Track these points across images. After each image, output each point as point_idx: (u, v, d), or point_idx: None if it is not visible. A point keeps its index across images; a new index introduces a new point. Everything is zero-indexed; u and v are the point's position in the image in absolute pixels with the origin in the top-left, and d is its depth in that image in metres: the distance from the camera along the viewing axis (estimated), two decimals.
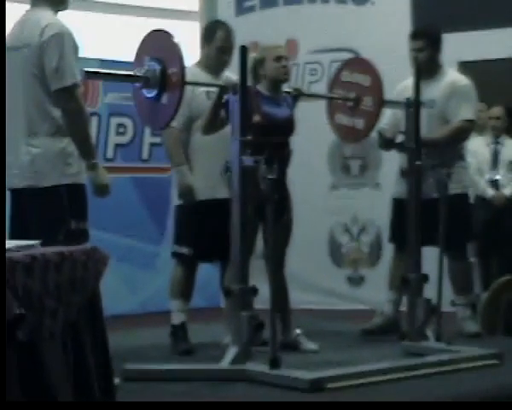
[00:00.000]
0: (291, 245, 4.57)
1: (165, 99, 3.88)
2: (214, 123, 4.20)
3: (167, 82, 3.84)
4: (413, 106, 4.52)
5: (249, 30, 6.28)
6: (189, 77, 4.39)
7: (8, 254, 1.88)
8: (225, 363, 3.78)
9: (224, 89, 4.06)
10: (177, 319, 4.54)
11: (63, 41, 3.53)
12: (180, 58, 3.84)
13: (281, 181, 4.08)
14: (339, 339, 4.81)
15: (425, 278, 4.44)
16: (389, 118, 4.95)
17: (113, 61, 6.27)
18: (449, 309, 4.88)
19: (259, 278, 3.92)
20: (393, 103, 4.80)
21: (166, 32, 4.01)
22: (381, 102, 4.61)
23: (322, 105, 5.04)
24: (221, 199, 4.30)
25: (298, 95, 4.50)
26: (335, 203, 6.55)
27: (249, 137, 3.91)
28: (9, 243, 2.06)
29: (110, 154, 6.39)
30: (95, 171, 3.62)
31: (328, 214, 6.55)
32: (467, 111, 4.86)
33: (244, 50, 3.96)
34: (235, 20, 6.52)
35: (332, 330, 5.17)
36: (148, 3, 6.92)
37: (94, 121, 6.21)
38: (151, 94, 3.91)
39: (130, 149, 6.48)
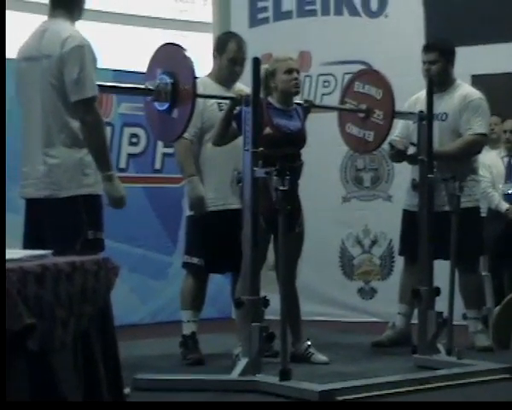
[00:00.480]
0: (302, 257, 4.57)
1: (176, 112, 3.90)
2: (225, 135, 4.22)
3: (179, 95, 3.86)
4: (426, 119, 4.52)
5: (262, 42, 6.29)
6: (200, 88, 4.42)
7: (19, 264, 1.89)
8: (235, 374, 3.78)
9: (235, 101, 4.07)
10: (187, 329, 4.54)
11: (84, 53, 3.55)
12: (192, 72, 3.86)
13: (293, 193, 4.08)
14: (349, 351, 4.81)
15: (437, 291, 4.43)
16: (401, 129, 4.96)
17: (127, 72, 6.31)
18: (460, 323, 4.87)
19: (271, 289, 3.93)
20: (406, 115, 4.81)
21: (178, 45, 4.05)
22: (392, 117, 4.63)
23: (334, 117, 5.05)
24: (232, 210, 4.31)
25: (309, 106, 4.51)
26: (347, 215, 6.54)
27: (261, 149, 3.93)
28: (21, 253, 2.07)
29: (123, 164, 6.41)
30: (111, 182, 3.63)
31: (339, 226, 6.54)
32: (479, 125, 4.85)
33: (257, 62, 3.98)
34: (248, 31, 6.54)
35: (343, 342, 5.16)
36: (162, 15, 6.96)
37: (107, 131, 6.22)
38: (162, 107, 3.93)
39: (143, 159, 6.50)
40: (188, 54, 3.94)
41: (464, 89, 4.97)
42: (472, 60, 6.01)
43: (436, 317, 4.36)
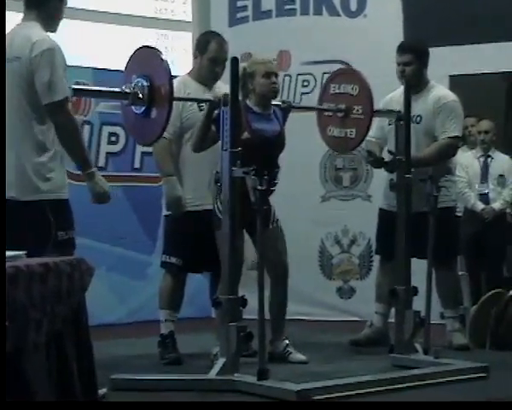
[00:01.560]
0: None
1: (153, 115, 3.90)
2: (205, 139, 4.21)
3: (155, 98, 3.86)
4: (403, 119, 4.54)
5: (242, 41, 6.30)
6: (180, 86, 4.42)
7: None
8: (213, 374, 3.78)
9: (213, 104, 4.07)
10: (165, 328, 4.54)
11: (54, 56, 3.55)
12: (168, 74, 3.86)
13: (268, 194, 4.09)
14: (328, 351, 4.82)
15: (414, 290, 4.45)
16: (376, 131, 4.97)
17: (107, 70, 6.29)
18: (437, 322, 4.90)
19: (251, 289, 3.92)
20: (385, 113, 4.82)
21: (153, 48, 4.05)
22: (372, 109, 4.63)
23: (313, 117, 5.06)
24: (210, 210, 4.31)
25: (287, 108, 4.51)
26: (326, 215, 6.56)
27: (240, 149, 3.93)
28: None
29: (102, 162, 6.39)
30: (93, 180, 3.64)
31: (319, 225, 6.56)
32: (454, 128, 4.87)
33: (235, 62, 3.97)
34: (228, 30, 6.54)
35: (321, 341, 5.17)
36: (142, 13, 6.94)
37: (86, 130, 6.21)
38: (139, 110, 3.93)
39: (122, 158, 6.48)
40: (163, 56, 3.93)
41: (438, 91, 4.98)
42: (449, 60, 6.04)
43: (413, 316, 4.38)
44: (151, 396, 3.62)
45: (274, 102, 4.46)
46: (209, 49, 4.56)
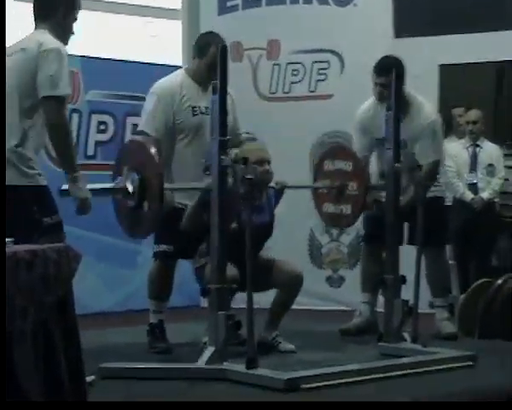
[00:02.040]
0: (271, 245, 4.58)
1: (145, 208, 3.89)
2: (195, 223, 4.18)
3: (146, 191, 3.86)
4: (392, 108, 4.52)
5: (231, 29, 6.28)
6: (176, 88, 4.41)
7: None
8: (202, 362, 3.78)
9: (206, 192, 4.01)
10: (154, 317, 4.54)
11: (62, 56, 3.61)
12: (157, 168, 3.85)
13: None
14: (317, 340, 4.83)
15: (402, 279, 4.46)
16: (360, 147, 4.94)
17: (94, 58, 6.27)
18: (426, 311, 4.91)
19: None
20: (380, 186, 4.74)
21: (141, 142, 4.11)
22: (366, 185, 4.63)
23: (301, 106, 5.06)
24: None
25: (281, 188, 4.51)
26: None
27: (229, 137, 3.92)
28: None
29: (91, 151, 6.38)
30: (77, 184, 3.66)
31: (308, 215, 6.55)
32: (435, 152, 4.87)
33: (224, 51, 3.96)
34: (217, 19, 6.54)
35: (310, 330, 5.18)
36: (129, 1, 6.91)
37: (75, 118, 6.20)
38: (131, 204, 3.93)
39: (111, 146, 6.45)
40: (152, 151, 3.87)
41: (418, 111, 4.88)
42: (439, 49, 6.05)
43: (402, 305, 4.39)
44: (140, 385, 3.62)
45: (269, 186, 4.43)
46: (208, 53, 4.46)
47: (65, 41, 3.79)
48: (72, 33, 3.82)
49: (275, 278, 4.42)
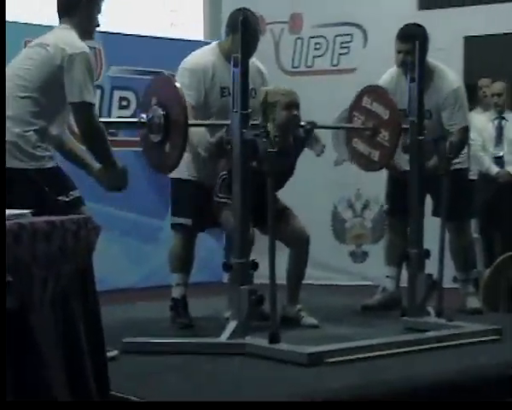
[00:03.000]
0: None
1: (168, 145, 3.92)
2: (214, 157, 4.20)
3: (171, 127, 3.88)
4: (415, 79, 4.46)
5: (253, 3, 6.21)
6: (207, 65, 4.39)
7: None
8: (224, 337, 3.77)
9: (225, 140, 3.99)
10: (177, 292, 4.53)
11: (89, 61, 3.59)
12: (182, 103, 3.85)
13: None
14: (340, 314, 4.79)
15: (426, 253, 4.42)
16: (384, 84, 4.86)
17: (117, 34, 6.26)
18: (450, 286, 4.88)
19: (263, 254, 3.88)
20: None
21: (168, 77, 4.13)
22: (398, 139, 4.53)
23: (325, 81, 5.01)
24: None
25: (311, 128, 4.42)
26: (339, 179, 6.53)
27: (250, 110, 3.89)
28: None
29: (113, 127, 6.37)
30: (115, 169, 3.73)
31: (331, 190, 6.54)
32: (462, 118, 4.81)
33: (245, 22, 3.92)
34: None
35: (334, 305, 5.15)
36: None
37: (97, 94, 6.19)
38: (156, 139, 3.96)
39: None
40: (177, 84, 3.91)
41: (442, 79, 4.82)
42: (464, 21, 5.97)
43: (426, 279, 4.35)
44: (161, 359, 3.62)
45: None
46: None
47: (90, 35, 3.76)
48: (98, 25, 3.77)
49: (283, 230, 4.31)
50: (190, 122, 3.96)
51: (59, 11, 3.74)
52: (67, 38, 3.62)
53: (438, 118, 4.80)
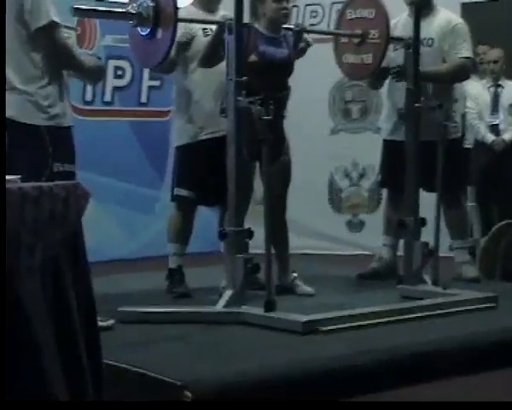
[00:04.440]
0: (291, 190, 4.53)
1: (158, 36, 3.85)
2: (211, 58, 4.15)
3: (160, 18, 3.82)
4: (412, 46, 4.43)
5: None
6: (184, 16, 4.33)
7: None
8: (220, 306, 3.77)
9: (221, 26, 3.99)
10: (173, 262, 4.52)
11: None
12: None
13: (276, 122, 4.04)
14: (336, 283, 4.79)
15: (422, 221, 4.40)
16: None
17: (111, 2, 6.18)
18: (446, 254, 4.86)
19: (259, 223, 3.87)
20: (396, 40, 4.67)
21: None
22: (388, 32, 4.52)
23: (322, 48, 4.97)
24: (221, 138, 4.20)
25: (300, 31, 4.38)
26: (336, 148, 6.50)
27: (245, 78, 3.86)
28: None
29: (108, 97, 6.34)
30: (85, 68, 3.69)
31: (328, 159, 6.51)
32: (465, 49, 4.77)
33: None
34: None
35: (330, 274, 5.15)
36: None
37: None
38: (145, 32, 3.90)
39: (129, 92, 6.42)
40: None
41: (445, 14, 4.87)
42: None
43: (422, 247, 4.34)
44: (156, 329, 3.61)
45: (286, 26, 4.35)
46: None
47: None
48: None
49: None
50: (180, 17, 3.92)
51: None
52: None
53: (440, 46, 4.73)
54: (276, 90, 4.12)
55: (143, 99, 6.49)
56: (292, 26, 4.39)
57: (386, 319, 3.69)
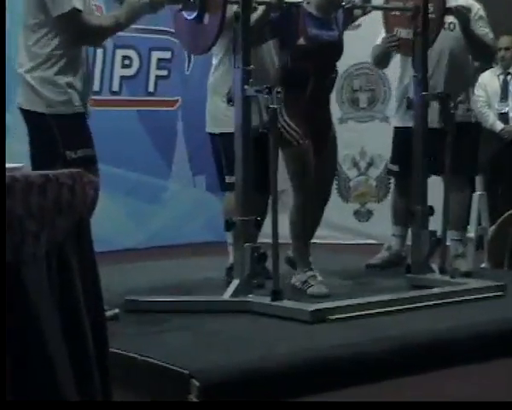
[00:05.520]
0: None
1: (206, 20, 3.74)
2: (257, 39, 4.01)
3: (208, 1, 3.70)
4: (420, 34, 4.38)
5: None
6: None
7: None
8: (227, 295, 3.76)
9: (270, 5, 3.92)
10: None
11: None
12: None
13: (324, 108, 4.09)
14: (344, 273, 4.78)
15: (430, 210, 4.38)
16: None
17: None
18: None
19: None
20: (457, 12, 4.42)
21: None
22: (444, 6, 4.36)
23: None
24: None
25: (350, 8, 4.24)
26: (343, 137, 6.44)
27: (252, 67, 3.83)
28: None
29: (116, 87, 6.32)
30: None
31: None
32: (489, 33, 4.68)
33: None
34: None
35: (338, 264, 5.13)
36: None
37: (99, 54, 6.14)
38: (191, 16, 3.79)
39: (136, 81, 6.40)
40: None
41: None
42: None
43: (430, 236, 4.32)
44: (164, 318, 3.61)
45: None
46: None
47: None
48: None
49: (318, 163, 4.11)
50: None
51: None
52: None
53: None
54: (325, 73, 4.07)
55: (151, 88, 6.47)
56: (343, 3, 4.21)
57: (394, 308, 3.68)
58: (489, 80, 6.10)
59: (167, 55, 6.43)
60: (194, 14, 3.78)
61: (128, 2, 3.58)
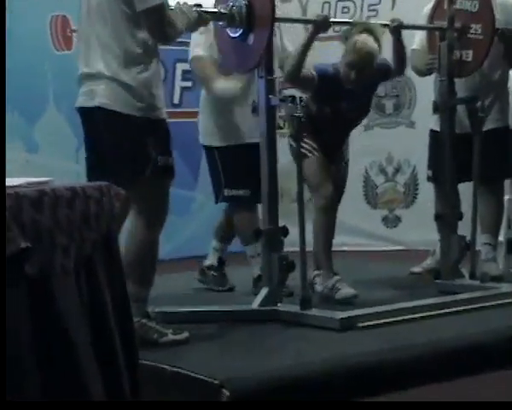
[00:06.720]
0: None
1: (251, 39, 3.66)
2: (301, 66, 3.94)
3: (255, 19, 3.62)
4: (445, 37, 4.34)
5: None
6: None
7: (15, 190, 1.87)
8: (256, 304, 3.76)
9: (317, 25, 3.89)
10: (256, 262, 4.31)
11: None
12: None
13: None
14: (372, 280, 4.76)
15: (459, 214, 4.35)
16: (420, 42, 4.71)
17: None
18: None
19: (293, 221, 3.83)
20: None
21: None
22: (493, 29, 4.23)
23: None
24: None
25: (397, 27, 4.14)
26: (370, 143, 6.45)
27: (276, 76, 3.84)
28: (21, 180, 2.03)
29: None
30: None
31: (362, 155, 6.46)
32: None
33: None
34: None
35: (366, 270, 5.12)
36: None
37: None
38: (236, 33, 3.71)
39: None
40: None
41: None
42: None
43: (459, 241, 4.29)
44: (193, 328, 3.61)
45: (380, 22, 4.18)
46: None
47: None
48: None
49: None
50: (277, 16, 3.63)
51: None
52: None
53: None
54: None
55: (176, 100, 6.49)
56: (388, 23, 4.15)
57: (423, 314, 3.66)
58: None
59: None
60: (240, 32, 3.70)
61: (188, 15, 3.44)
